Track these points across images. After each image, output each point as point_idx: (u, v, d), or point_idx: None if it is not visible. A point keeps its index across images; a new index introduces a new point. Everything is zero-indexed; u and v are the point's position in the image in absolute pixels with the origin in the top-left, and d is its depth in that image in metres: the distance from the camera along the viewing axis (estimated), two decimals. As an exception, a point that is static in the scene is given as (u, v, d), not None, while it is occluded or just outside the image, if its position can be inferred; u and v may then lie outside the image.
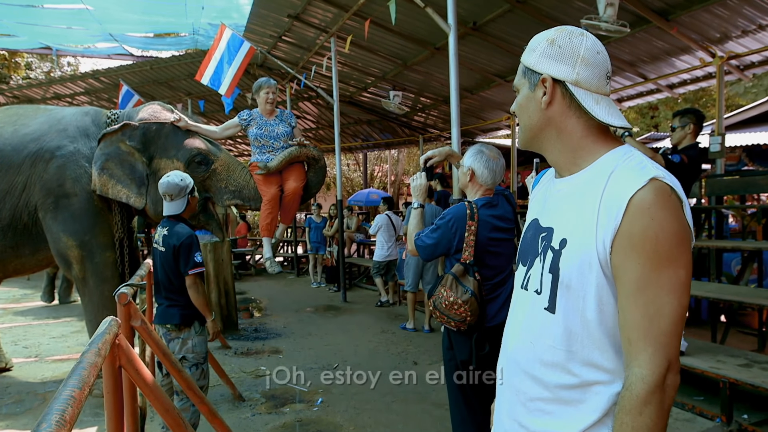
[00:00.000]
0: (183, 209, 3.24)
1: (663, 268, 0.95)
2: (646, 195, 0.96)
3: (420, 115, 12.16)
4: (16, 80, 18.01)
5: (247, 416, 3.92)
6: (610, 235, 0.98)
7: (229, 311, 6.52)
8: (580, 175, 1.11)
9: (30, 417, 3.92)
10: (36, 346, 5.97)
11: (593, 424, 1.04)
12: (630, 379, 0.97)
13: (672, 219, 0.96)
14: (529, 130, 1.19)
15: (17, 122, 4.46)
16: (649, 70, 7.60)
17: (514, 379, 1.18)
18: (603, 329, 1.03)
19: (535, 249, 1.17)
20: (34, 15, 10.04)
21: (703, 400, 3.90)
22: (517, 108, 1.21)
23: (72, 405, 1.02)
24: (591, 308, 1.03)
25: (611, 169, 1.04)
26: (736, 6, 5.61)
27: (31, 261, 4.50)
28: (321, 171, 4.44)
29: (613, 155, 1.08)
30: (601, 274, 1.01)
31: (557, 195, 1.16)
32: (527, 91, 1.17)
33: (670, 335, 0.96)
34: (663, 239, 0.95)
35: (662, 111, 17.20)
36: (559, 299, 1.07)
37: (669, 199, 0.97)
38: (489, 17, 6.70)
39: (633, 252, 0.96)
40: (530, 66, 1.16)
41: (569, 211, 1.09)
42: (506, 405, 1.22)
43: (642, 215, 0.96)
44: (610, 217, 0.99)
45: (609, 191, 1.01)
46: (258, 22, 8.69)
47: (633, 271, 0.97)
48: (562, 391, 1.08)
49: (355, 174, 24.41)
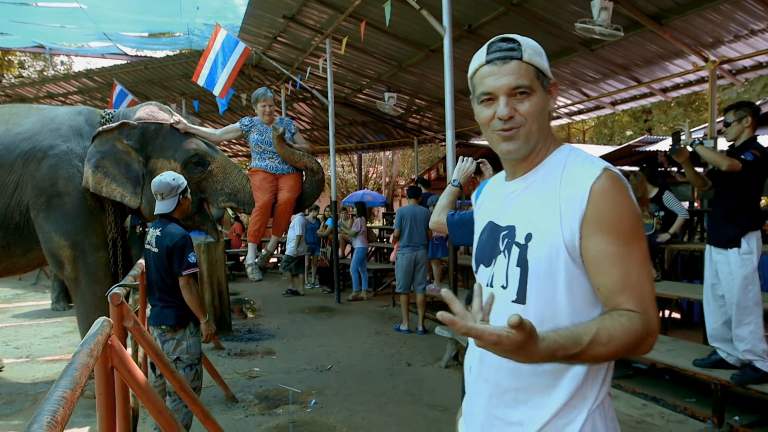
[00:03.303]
0: (173, 208, 3.24)
1: (632, 243, 1.06)
2: (604, 183, 1.07)
3: (415, 116, 12.18)
4: (8, 79, 17.90)
5: (240, 417, 3.91)
6: (578, 222, 1.07)
7: (222, 312, 6.49)
8: (534, 173, 1.19)
9: (21, 418, 3.89)
10: (27, 346, 5.93)
11: (562, 406, 1.10)
12: (626, 311, 1.03)
13: (629, 200, 1.08)
14: (535, 138, 1.16)
15: (9, 121, 4.42)
16: (643, 73, 7.64)
17: (488, 373, 1.19)
18: (572, 310, 1.10)
19: (495, 248, 1.21)
20: (27, 13, 9.97)
21: (695, 401, 3.92)
22: (535, 111, 1.13)
23: (63, 406, 1.01)
24: (561, 292, 1.10)
25: (562, 165, 1.14)
26: (729, 11, 5.66)
27: (23, 261, 4.47)
28: (317, 184, 4.37)
29: (559, 153, 1.18)
30: (569, 259, 1.09)
31: (513, 195, 1.22)
32: (544, 94, 1.15)
33: (650, 300, 1.05)
34: (626, 218, 1.07)
35: (656, 114, 17.31)
36: (530, 289, 1.12)
37: (622, 185, 1.08)
38: (484, 20, 6.73)
39: (603, 232, 1.06)
40: (543, 69, 1.15)
41: (530, 208, 1.16)
42: (482, 400, 1.22)
43: (604, 200, 1.06)
44: (574, 206, 1.07)
45: (566, 184, 1.10)
46: (253, 23, 8.68)
47: (606, 249, 1.05)
48: (536, 377, 1.11)
49: (349, 175, 24.41)
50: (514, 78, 1.11)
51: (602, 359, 1.01)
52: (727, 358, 3.62)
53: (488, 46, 1.16)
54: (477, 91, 1.17)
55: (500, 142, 1.16)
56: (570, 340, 0.94)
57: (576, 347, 0.94)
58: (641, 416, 3.83)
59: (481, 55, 1.16)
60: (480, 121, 1.19)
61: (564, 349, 0.93)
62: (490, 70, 1.13)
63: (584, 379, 1.10)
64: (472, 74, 1.19)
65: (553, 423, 1.11)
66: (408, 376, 4.82)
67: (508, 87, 1.11)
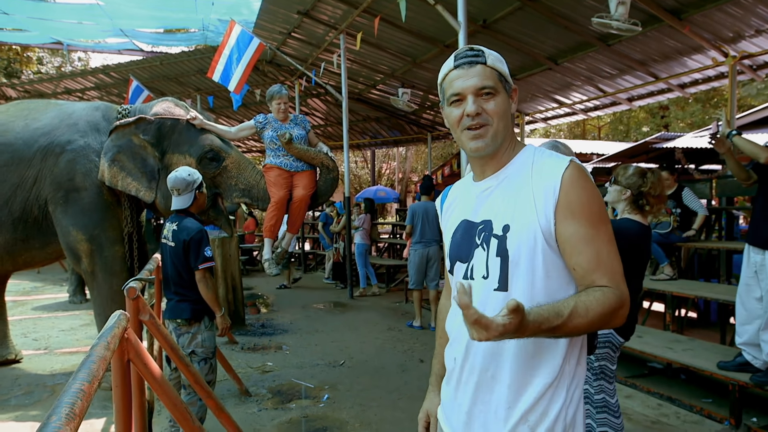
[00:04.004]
0: (189, 204, 3.27)
1: (600, 225, 1.20)
2: (572, 172, 1.20)
3: (429, 112, 12.13)
4: (27, 75, 18.16)
5: (253, 411, 3.94)
6: (552, 209, 1.19)
7: (236, 306, 6.54)
8: (504, 170, 1.30)
9: (39, 408, 3.96)
10: (45, 338, 6.03)
11: (546, 387, 1.20)
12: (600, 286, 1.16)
13: (594, 187, 1.22)
14: (501, 136, 1.26)
15: (28, 116, 4.49)
16: (661, 69, 7.53)
17: (476, 361, 1.27)
18: (548, 292, 1.20)
19: (471, 243, 1.30)
20: (45, 10, 10.11)
21: (711, 402, 3.87)
22: (500, 110, 1.25)
23: (81, 398, 1.02)
24: (540, 276, 1.21)
25: (530, 162, 1.26)
26: (750, 5, 5.54)
27: (41, 254, 4.54)
28: (331, 182, 4.41)
29: (525, 152, 1.30)
30: (546, 245, 1.20)
31: (485, 193, 1.32)
32: (506, 97, 1.27)
33: (620, 275, 1.19)
34: (594, 203, 1.20)
35: (673, 111, 17.05)
36: (511, 276, 1.22)
37: (586, 173, 1.23)
38: (499, 15, 6.67)
39: (574, 216, 1.18)
40: (505, 75, 1.27)
41: (505, 202, 1.26)
42: (468, 388, 1.28)
43: (574, 187, 1.19)
44: (547, 195, 1.20)
45: (537, 177, 1.23)
46: (267, 19, 8.70)
47: (579, 231, 1.18)
48: (521, 362, 1.21)
49: (362, 171, 24.41)
50: (480, 79, 1.23)
51: (582, 330, 1.13)
52: (753, 361, 3.49)
53: (455, 55, 1.28)
54: (447, 94, 1.28)
55: (469, 140, 1.26)
56: (552, 314, 1.08)
57: (558, 319, 1.08)
58: (656, 416, 3.79)
59: (450, 62, 1.28)
60: (450, 123, 1.30)
61: (548, 322, 1.07)
62: (458, 74, 1.25)
63: (563, 361, 1.21)
64: (441, 80, 1.31)
65: (539, 404, 1.20)
66: (421, 372, 4.82)
67: (474, 87, 1.23)
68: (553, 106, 10.06)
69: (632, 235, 2.55)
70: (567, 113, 10.42)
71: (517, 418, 1.21)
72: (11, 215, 4.27)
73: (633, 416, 3.77)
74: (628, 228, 2.58)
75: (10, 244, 4.35)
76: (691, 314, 6.19)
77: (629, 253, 2.31)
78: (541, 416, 1.20)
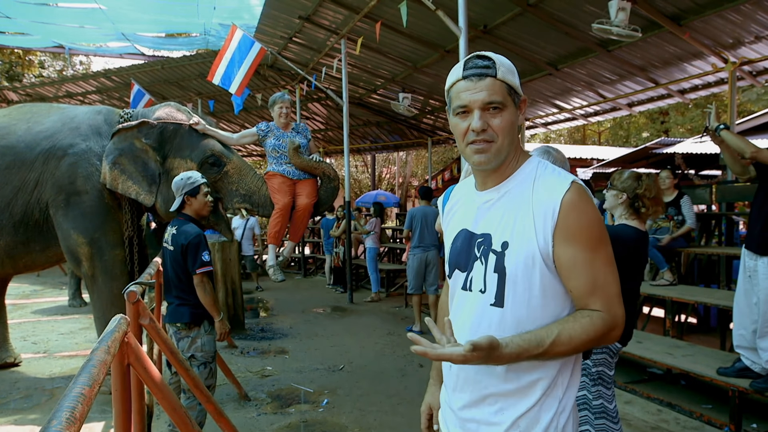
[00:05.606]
0: (178, 207, 3.31)
1: (598, 248, 1.20)
2: (573, 195, 1.19)
3: (429, 117, 12.16)
4: (29, 78, 18.19)
5: (252, 416, 3.93)
6: (550, 231, 1.18)
7: (236, 311, 6.54)
8: (506, 183, 1.28)
9: (38, 412, 3.95)
10: (45, 342, 6.02)
11: (533, 405, 1.21)
12: (591, 311, 1.18)
13: (594, 210, 1.21)
14: (505, 152, 1.24)
15: (30, 120, 4.50)
16: (661, 75, 7.55)
17: (470, 374, 1.28)
18: (546, 312, 1.21)
19: (471, 254, 1.30)
20: (47, 14, 10.14)
21: (711, 408, 3.86)
22: (506, 126, 1.22)
23: (82, 402, 1.03)
24: (536, 295, 1.21)
25: (533, 177, 1.25)
26: (750, 11, 5.57)
27: (42, 257, 4.54)
28: (332, 191, 4.47)
29: (529, 165, 1.28)
30: (544, 266, 1.20)
31: (486, 205, 1.30)
32: (514, 109, 1.24)
33: (616, 298, 1.20)
34: (593, 226, 1.20)
35: (673, 116, 17.08)
36: (507, 293, 1.22)
37: (587, 196, 1.22)
38: (500, 20, 6.70)
39: (572, 240, 1.18)
40: (515, 87, 1.24)
41: (504, 218, 1.25)
42: (464, 396, 1.30)
43: (573, 211, 1.18)
44: (546, 217, 1.19)
45: (537, 196, 1.21)
46: (269, 23, 8.73)
47: (576, 256, 1.18)
48: (516, 375, 1.22)
49: (363, 175, 24.44)
50: (488, 94, 1.20)
51: (566, 355, 1.18)
52: (752, 366, 3.47)
53: (465, 62, 1.24)
54: (453, 104, 1.25)
55: (473, 154, 1.24)
56: (533, 344, 1.12)
57: (538, 349, 1.13)
58: (656, 422, 3.78)
59: (458, 70, 1.25)
60: (456, 134, 1.27)
61: (527, 352, 1.12)
62: (466, 86, 1.22)
63: (557, 372, 1.23)
64: (449, 88, 1.28)
65: (530, 411, 1.22)
66: (420, 377, 4.81)
67: (482, 102, 1.20)
68: (553, 112, 10.09)
69: (629, 240, 2.56)
70: (567, 118, 10.44)
71: (509, 424, 1.23)
72: (12, 218, 4.28)
73: (633, 422, 3.77)
74: (625, 234, 2.59)
75: (11, 247, 4.35)
76: (691, 320, 6.18)
77: (626, 258, 2.31)
78: (532, 423, 1.22)
